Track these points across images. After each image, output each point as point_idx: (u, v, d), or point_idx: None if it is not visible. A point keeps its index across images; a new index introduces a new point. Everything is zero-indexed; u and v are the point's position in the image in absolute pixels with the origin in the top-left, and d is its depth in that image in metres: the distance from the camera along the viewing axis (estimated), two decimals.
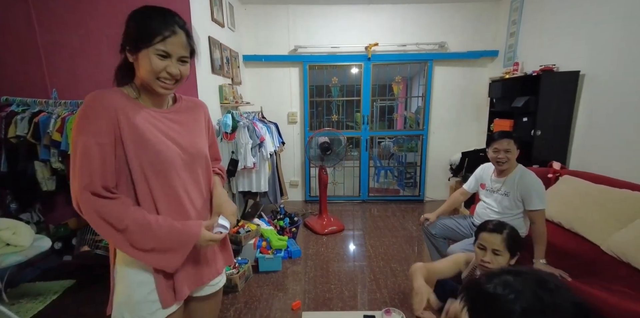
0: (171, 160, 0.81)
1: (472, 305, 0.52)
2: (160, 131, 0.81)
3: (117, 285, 0.79)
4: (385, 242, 2.70)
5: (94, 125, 0.72)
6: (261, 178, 2.91)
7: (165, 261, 0.77)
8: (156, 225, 0.76)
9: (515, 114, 2.77)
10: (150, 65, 0.75)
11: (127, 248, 0.74)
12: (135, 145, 0.76)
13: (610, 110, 2.20)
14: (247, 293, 1.97)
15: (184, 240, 0.79)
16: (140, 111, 0.79)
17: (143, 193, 0.78)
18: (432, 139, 3.77)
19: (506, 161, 1.76)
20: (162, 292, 0.79)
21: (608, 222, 1.74)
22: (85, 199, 0.70)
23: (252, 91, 3.62)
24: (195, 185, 0.88)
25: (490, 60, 3.59)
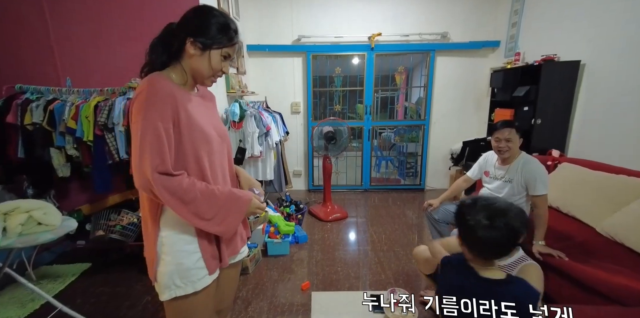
0: (212, 142, 0.88)
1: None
2: (203, 115, 0.88)
3: (165, 255, 0.85)
4: (388, 229, 2.79)
5: (160, 111, 0.77)
6: (267, 167, 2.97)
7: (225, 226, 0.85)
8: (219, 192, 0.84)
9: (516, 104, 2.83)
10: (214, 64, 0.84)
11: (193, 218, 0.81)
12: (189, 130, 0.82)
13: (610, 99, 2.26)
14: (258, 276, 2.06)
15: (241, 205, 0.87)
16: (188, 97, 0.86)
17: (194, 171, 0.85)
18: (434, 128, 3.83)
19: (507, 150, 1.82)
20: (208, 259, 0.88)
21: (604, 206, 1.82)
22: (156, 179, 0.76)
23: (256, 81, 3.64)
24: (227, 164, 0.97)
25: (491, 50, 3.62)
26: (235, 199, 0.87)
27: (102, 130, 1.93)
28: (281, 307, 1.74)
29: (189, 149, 0.83)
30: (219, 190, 0.85)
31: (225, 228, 0.86)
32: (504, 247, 0.87)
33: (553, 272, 1.53)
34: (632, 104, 2.09)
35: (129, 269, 2.09)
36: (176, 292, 0.85)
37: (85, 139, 1.93)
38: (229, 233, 0.88)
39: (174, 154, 0.81)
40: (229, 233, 0.88)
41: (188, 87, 0.89)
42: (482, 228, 0.84)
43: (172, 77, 0.85)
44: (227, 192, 0.86)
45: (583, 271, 1.43)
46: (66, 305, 1.59)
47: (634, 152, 2.07)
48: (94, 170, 2.06)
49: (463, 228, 0.90)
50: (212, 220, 0.83)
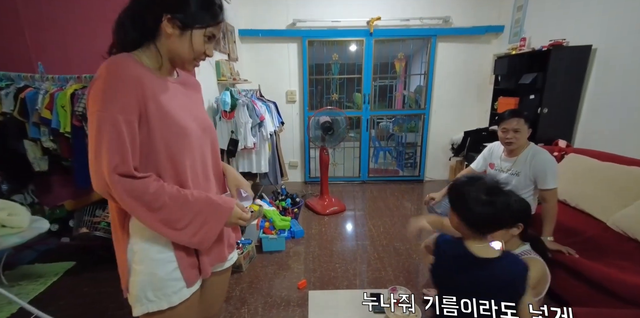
0: (191, 136, 0.76)
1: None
2: (180, 105, 0.76)
3: (136, 265, 0.74)
4: (387, 222, 2.71)
5: (122, 100, 0.65)
6: (261, 159, 2.84)
7: (200, 237, 0.74)
8: (192, 198, 0.72)
9: (521, 92, 2.71)
10: (196, 46, 0.72)
11: (161, 228, 0.70)
12: (161, 123, 0.71)
13: (622, 86, 2.15)
14: (252, 273, 1.97)
15: (220, 213, 0.76)
16: (163, 84, 0.74)
17: (168, 172, 0.73)
18: (434, 118, 3.71)
19: (515, 141, 1.72)
20: (186, 270, 0.76)
21: (614, 199, 1.74)
22: (116, 181, 0.64)
23: (249, 68, 3.46)
24: (210, 162, 0.85)
25: (495, 36, 3.46)
26: (213, 207, 0.75)
27: (81, 120, 1.78)
28: (277, 307, 1.66)
29: (160, 146, 0.71)
30: (194, 195, 0.73)
31: (200, 241, 0.74)
32: (496, 223, 0.87)
33: (563, 270, 1.45)
34: None
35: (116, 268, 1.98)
36: (148, 307, 0.74)
37: (62, 130, 1.79)
38: (204, 245, 0.76)
39: (143, 152, 0.69)
40: (205, 246, 0.76)
41: (164, 72, 0.77)
42: (480, 202, 0.83)
43: (142, 60, 0.72)
44: (203, 198, 0.74)
45: (595, 269, 1.36)
46: (48, 308, 1.49)
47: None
48: (74, 164, 1.92)
49: (459, 201, 0.87)
50: (184, 231, 0.72)
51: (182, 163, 0.75)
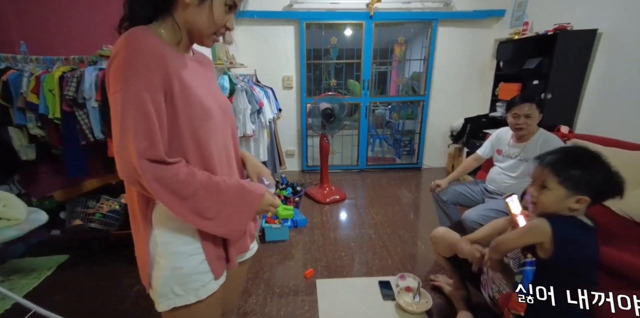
0: (215, 119, 0.70)
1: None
2: (200, 84, 0.69)
3: (160, 258, 0.68)
4: (389, 210, 2.70)
5: (146, 76, 0.58)
6: (260, 147, 2.76)
7: (232, 226, 0.69)
8: (225, 185, 0.66)
9: (524, 77, 2.68)
10: (217, 16, 0.65)
11: (192, 217, 0.64)
12: (185, 103, 0.64)
13: (627, 72, 2.13)
14: (257, 264, 1.92)
15: (252, 200, 0.70)
16: (183, 61, 0.67)
17: (194, 157, 0.67)
18: (433, 104, 3.67)
19: (526, 127, 1.69)
20: (213, 262, 0.71)
21: None
22: (145, 167, 0.58)
23: (244, 52, 3.31)
24: (232, 147, 0.80)
25: (496, 20, 3.40)
26: (244, 194, 0.70)
27: (71, 105, 1.66)
28: (285, 297, 1.63)
29: (185, 129, 0.64)
30: (225, 182, 0.67)
31: (231, 230, 0.69)
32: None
33: None
34: None
35: (114, 260, 1.91)
36: (175, 302, 0.69)
37: (51, 116, 1.66)
38: (235, 235, 0.72)
39: (167, 135, 0.62)
40: (236, 235, 0.72)
41: (182, 49, 0.70)
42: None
43: (161, 34, 0.65)
44: (234, 184, 0.68)
45: (607, 254, 1.36)
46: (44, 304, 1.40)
47: None
48: (65, 152, 1.81)
49: (600, 183, 0.86)
50: (215, 220, 0.66)
51: (208, 148, 0.68)
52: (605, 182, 0.85)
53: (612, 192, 0.86)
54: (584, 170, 0.86)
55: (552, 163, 0.90)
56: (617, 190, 0.85)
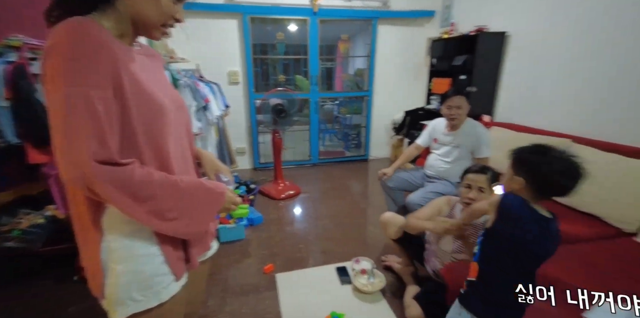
0: (169, 115, 0.67)
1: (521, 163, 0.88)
2: (151, 79, 0.65)
3: (116, 264, 0.64)
4: (343, 200, 2.81)
5: (93, 71, 0.53)
6: (208, 146, 2.65)
7: (194, 226, 0.67)
8: (184, 185, 0.64)
9: (453, 73, 2.98)
10: (165, 6, 0.61)
11: (150, 220, 0.61)
12: (137, 100, 0.60)
13: (529, 67, 2.52)
14: (213, 265, 1.87)
15: (214, 199, 0.69)
16: (130, 54, 0.62)
17: (149, 157, 0.64)
18: (376, 99, 3.87)
19: (458, 117, 1.90)
20: (173, 263, 0.69)
21: None
22: (96, 170, 0.53)
23: (184, 46, 3.10)
24: (187, 144, 0.77)
25: (427, 20, 3.70)
26: (205, 193, 0.68)
27: None
28: (245, 295, 1.62)
29: (138, 127, 0.61)
30: (184, 182, 0.65)
31: (194, 230, 0.68)
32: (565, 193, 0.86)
33: None
34: (548, 72, 2.36)
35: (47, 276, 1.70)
36: (135, 308, 0.66)
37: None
38: (197, 235, 0.71)
39: (119, 135, 0.59)
40: (198, 236, 0.71)
41: (127, 41, 0.65)
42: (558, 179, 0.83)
43: (103, 24, 0.59)
44: (195, 183, 0.67)
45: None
46: None
47: (548, 114, 2.37)
48: None
49: (536, 171, 0.85)
50: (177, 221, 0.65)
51: (164, 146, 0.66)
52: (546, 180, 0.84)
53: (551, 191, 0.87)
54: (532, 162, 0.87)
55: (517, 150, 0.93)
56: (557, 192, 0.86)
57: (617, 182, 1.56)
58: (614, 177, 1.58)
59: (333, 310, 1.46)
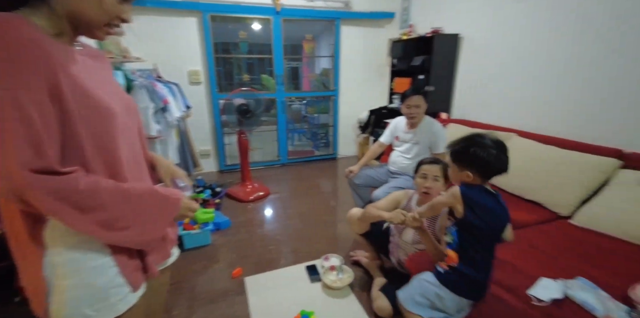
0: (117, 119, 0.63)
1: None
2: (97, 81, 0.62)
3: (62, 280, 0.60)
4: (312, 199, 2.83)
5: (24, 74, 0.49)
6: (169, 149, 2.54)
7: (148, 235, 0.65)
8: (135, 192, 0.61)
9: (413, 72, 3.12)
10: (108, 5, 0.57)
11: (99, 231, 0.58)
12: (80, 103, 0.56)
13: (480, 68, 2.70)
14: (177, 274, 1.80)
15: (169, 206, 0.67)
16: (70, 54, 0.58)
17: (95, 162, 0.59)
18: (342, 98, 3.94)
19: (417, 115, 1.99)
20: (129, 273, 0.66)
21: None
22: (31, 180, 0.49)
23: (139, 45, 2.93)
24: (140, 149, 0.74)
25: (387, 21, 3.82)
26: (159, 200, 0.66)
27: None
28: (213, 302, 1.58)
29: (83, 132, 0.57)
30: (136, 189, 0.62)
31: (148, 239, 0.66)
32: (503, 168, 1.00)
33: None
34: (497, 72, 2.55)
35: None
36: None
37: None
38: (152, 244, 0.68)
39: (59, 141, 0.54)
40: (152, 244, 0.69)
41: (65, 40, 0.60)
42: (493, 156, 0.97)
43: (36, 21, 0.54)
44: (147, 190, 0.64)
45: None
46: None
47: (497, 111, 2.57)
48: None
49: (472, 157, 0.99)
50: (128, 230, 0.62)
51: (114, 153, 0.62)
52: (482, 161, 0.97)
53: (494, 169, 0.99)
54: (466, 151, 1.00)
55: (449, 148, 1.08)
56: (497, 169, 0.99)
57: (554, 171, 1.73)
58: (551, 167, 1.76)
59: (302, 308, 1.47)
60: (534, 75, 2.24)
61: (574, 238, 1.40)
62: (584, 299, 1.01)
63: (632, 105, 1.70)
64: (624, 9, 1.70)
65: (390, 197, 1.52)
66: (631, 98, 1.70)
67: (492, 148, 0.98)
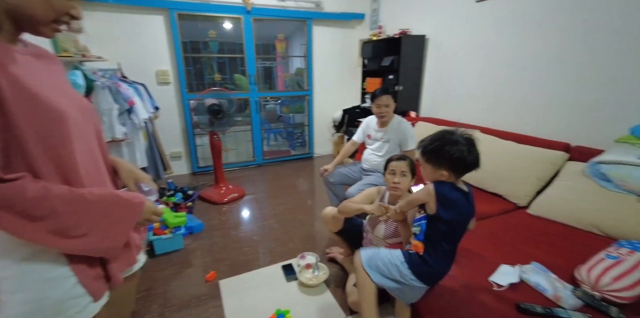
0: (70, 121, 0.60)
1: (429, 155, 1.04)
2: (44, 82, 0.59)
3: (12, 294, 0.57)
4: (288, 199, 2.84)
5: None
6: (136, 152, 2.45)
7: (109, 242, 0.62)
8: (93, 197, 0.59)
9: (383, 72, 3.20)
10: (52, 2, 0.55)
11: (52, 240, 0.55)
12: (24, 106, 0.53)
13: (445, 68, 2.83)
14: (148, 280, 1.74)
15: (131, 210, 0.65)
16: (8, 53, 0.54)
17: (46, 168, 0.56)
18: (317, 98, 3.97)
19: (387, 114, 2.06)
20: (89, 283, 0.63)
21: None
22: None
23: (101, 43, 2.80)
24: (99, 153, 0.71)
25: (358, 22, 3.90)
26: (120, 204, 0.64)
27: None
28: (186, 307, 1.55)
29: (30, 137, 0.54)
30: (93, 194, 0.60)
31: (109, 246, 0.64)
32: (476, 163, 1.03)
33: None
34: (459, 73, 2.68)
35: None
36: None
37: None
38: (114, 251, 0.65)
39: (2, 147, 0.52)
40: (115, 252, 0.66)
41: (6, 38, 0.56)
42: (465, 152, 1.00)
43: None
44: (107, 195, 0.62)
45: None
46: None
47: (462, 108, 2.70)
48: None
49: (447, 155, 1.01)
50: (86, 237, 0.59)
51: (68, 157, 0.59)
52: (456, 158, 1.00)
53: (466, 166, 1.02)
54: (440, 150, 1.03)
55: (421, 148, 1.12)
56: (470, 165, 1.02)
57: (511, 165, 1.85)
58: (509, 161, 1.88)
59: (278, 307, 1.48)
60: (493, 75, 2.38)
61: (529, 226, 1.51)
62: (536, 282, 1.10)
63: (576, 103, 1.86)
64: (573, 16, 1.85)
65: (363, 193, 1.56)
66: (575, 97, 1.86)
67: (464, 145, 1.01)
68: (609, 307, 0.98)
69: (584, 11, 1.77)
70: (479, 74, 2.50)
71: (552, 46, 1.95)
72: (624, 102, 1.64)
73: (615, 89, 1.67)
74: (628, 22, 1.59)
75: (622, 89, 1.64)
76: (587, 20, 1.76)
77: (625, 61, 1.61)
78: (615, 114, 1.68)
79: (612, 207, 1.37)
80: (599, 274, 1.03)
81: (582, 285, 1.07)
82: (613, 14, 1.64)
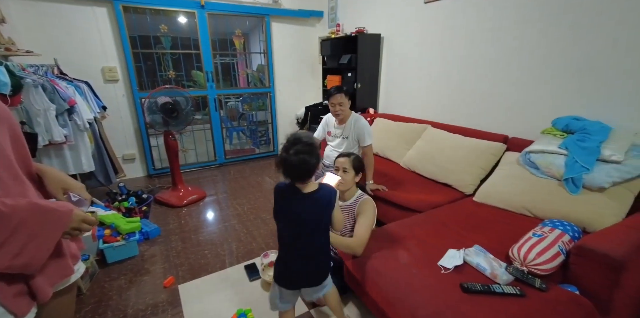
0: None
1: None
2: None
3: None
4: (252, 198, 2.80)
5: None
6: (81, 155, 2.26)
7: (27, 257, 0.56)
8: (6, 207, 0.54)
9: (342, 70, 3.25)
10: None
11: None
12: None
13: (399, 66, 2.95)
14: (98, 292, 1.64)
15: (55, 220, 0.60)
16: None
17: None
18: (279, 95, 3.94)
19: (341, 112, 2.10)
20: (9, 300, 0.58)
21: (403, 146, 2.47)
22: None
23: (31, 36, 2.53)
24: (13, 157, 0.65)
25: (317, 20, 3.92)
26: (43, 214, 0.59)
27: None
28: (142, 316, 1.48)
29: None
30: (7, 204, 0.55)
31: (29, 260, 0.58)
32: (302, 169, 1.03)
33: (381, 201, 1.95)
34: (411, 71, 2.80)
35: None
36: None
37: None
38: (34, 266, 0.60)
39: None
40: (35, 267, 0.61)
41: None
42: (286, 156, 1.02)
43: None
44: (23, 205, 0.57)
45: (397, 196, 1.92)
46: None
47: (414, 104, 2.84)
48: None
49: (279, 159, 1.05)
50: (3, 249, 0.55)
51: None
52: None
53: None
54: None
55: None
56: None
57: (459, 156, 1.99)
58: (457, 152, 2.02)
59: (239, 307, 1.46)
60: (442, 74, 2.52)
61: (473, 213, 1.64)
62: (477, 262, 1.20)
63: (511, 99, 2.04)
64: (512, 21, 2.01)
65: None
66: (509, 94, 2.04)
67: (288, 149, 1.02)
68: (534, 279, 1.10)
69: (522, 17, 1.93)
70: (429, 73, 2.64)
71: (494, 49, 2.11)
72: (554, 98, 1.83)
73: (546, 88, 1.85)
74: (549, 29, 1.77)
75: (552, 87, 1.82)
76: (520, 25, 1.93)
77: (553, 65, 1.80)
78: (544, 109, 1.87)
79: (539, 191, 1.53)
80: (526, 251, 1.16)
81: (514, 262, 1.19)
82: (544, 20, 1.82)
